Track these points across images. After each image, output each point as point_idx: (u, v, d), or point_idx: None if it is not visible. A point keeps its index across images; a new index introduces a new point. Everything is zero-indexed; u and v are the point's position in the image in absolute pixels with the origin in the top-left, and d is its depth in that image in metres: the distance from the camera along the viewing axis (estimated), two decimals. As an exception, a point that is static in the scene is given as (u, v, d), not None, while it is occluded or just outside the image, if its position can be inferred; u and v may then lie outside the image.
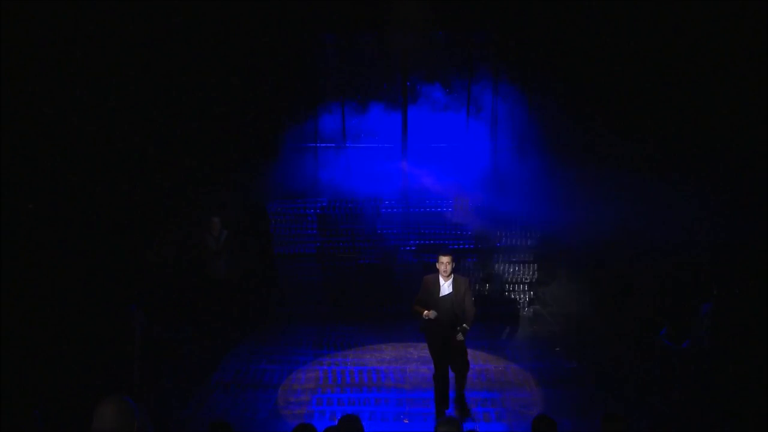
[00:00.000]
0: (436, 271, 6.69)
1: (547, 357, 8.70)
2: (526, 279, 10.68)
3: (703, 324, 7.30)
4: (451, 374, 6.90)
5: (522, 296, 10.63)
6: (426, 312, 6.54)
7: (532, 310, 10.45)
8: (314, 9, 9.22)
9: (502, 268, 10.62)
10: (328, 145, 10.32)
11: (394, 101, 10.18)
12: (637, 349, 8.13)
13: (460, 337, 6.55)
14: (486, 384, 7.65)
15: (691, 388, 7.19)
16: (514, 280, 10.69)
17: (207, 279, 9.52)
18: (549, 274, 10.49)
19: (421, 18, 9.19)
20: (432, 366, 8.04)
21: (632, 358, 8.10)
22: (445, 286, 6.64)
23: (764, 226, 7.42)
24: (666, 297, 8.32)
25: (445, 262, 6.57)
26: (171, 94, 8.98)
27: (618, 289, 9.09)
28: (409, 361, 8.47)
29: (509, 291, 10.67)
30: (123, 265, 8.64)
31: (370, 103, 10.18)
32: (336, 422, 4.49)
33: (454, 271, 6.69)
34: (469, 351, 6.99)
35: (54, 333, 7.31)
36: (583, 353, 8.67)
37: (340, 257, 10.45)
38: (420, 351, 8.79)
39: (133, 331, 7.45)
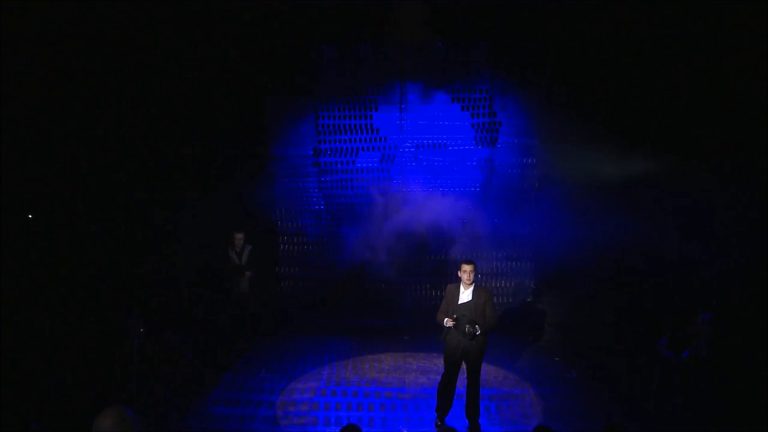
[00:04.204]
0: (459, 280, 6.71)
1: (546, 367, 8.69)
2: (527, 288, 10.70)
3: (702, 334, 7.31)
4: (459, 390, 6.90)
5: (521, 306, 10.63)
6: (447, 320, 6.57)
7: (532, 320, 10.43)
8: (315, 20, 9.27)
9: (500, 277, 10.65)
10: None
11: (392, 110, 10.23)
12: (637, 360, 8.13)
13: (468, 329, 6.46)
14: (485, 394, 7.61)
15: (690, 398, 7.17)
16: (513, 290, 10.71)
17: (230, 294, 9.54)
18: (548, 284, 10.49)
19: (420, 29, 9.24)
20: (431, 375, 8.05)
21: (632, 368, 8.09)
22: (465, 294, 6.65)
23: (763, 238, 7.45)
24: (666, 307, 8.33)
25: (467, 270, 6.59)
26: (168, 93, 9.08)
27: (618, 300, 9.10)
28: (408, 371, 8.45)
29: (509, 300, 10.69)
30: (123, 274, 8.65)
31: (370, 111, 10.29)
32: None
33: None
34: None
35: (52, 341, 7.29)
36: (583, 363, 8.65)
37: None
38: (419, 361, 8.79)
39: (132, 339, 7.43)
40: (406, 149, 10.40)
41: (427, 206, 10.12)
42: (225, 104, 9.66)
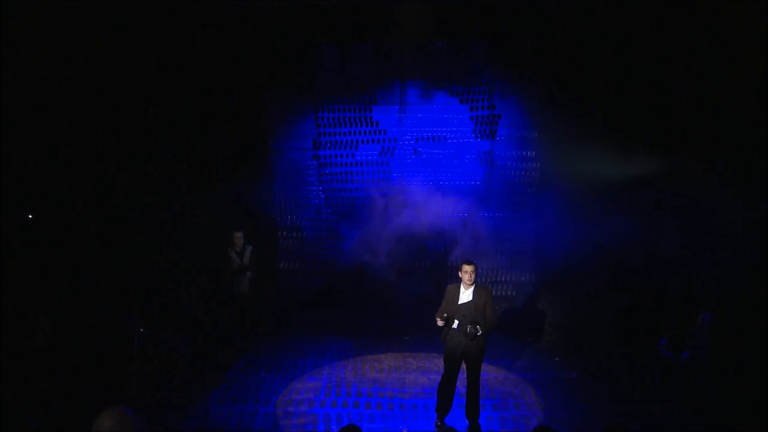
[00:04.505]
0: (459, 280, 6.71)
1: (546, 367, 8.68)
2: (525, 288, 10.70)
3: (702, 335, 7.30)
4: (459, 391, 6.88)
5: (522, 306, 10.63)
6: (438, 320, 6.58)
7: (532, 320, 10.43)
8: (315, 20, 9.27)
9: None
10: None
11: (392, 103, 10.24)
12: (637, 360, 8.12)
13: (470, 330, 6.46)
14: (485, 394, 7.61)
15: (690, 398, 7.17)
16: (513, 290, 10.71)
17: (231, 295, 9.53)
18: (548, 284, 10.49)
19: (420, 29, 9.24)
20: (431, 375, 8.05)
21: (632, 368, 8.09)
22: (466, 294, 6.65)
23: (763, 238, 7.44)
24: (666, 307, 8.32)
25: (468, 271, 6.59)
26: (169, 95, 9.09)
27: (618, 300, 9.09)
28: (409, 371, 8.45)
29: (510, 296, 10.68)
30: (123, 274, 8.64)
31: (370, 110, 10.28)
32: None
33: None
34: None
35: (52, 342, 7.28)
36: (583, 363, 8.65)
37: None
38: (419, 361, 8.79)
39: (132, 340, 7.43)
40: (406, 142, 10.39)
41: (427, 201, 10.10)
42: (225, 104, 9.66)
